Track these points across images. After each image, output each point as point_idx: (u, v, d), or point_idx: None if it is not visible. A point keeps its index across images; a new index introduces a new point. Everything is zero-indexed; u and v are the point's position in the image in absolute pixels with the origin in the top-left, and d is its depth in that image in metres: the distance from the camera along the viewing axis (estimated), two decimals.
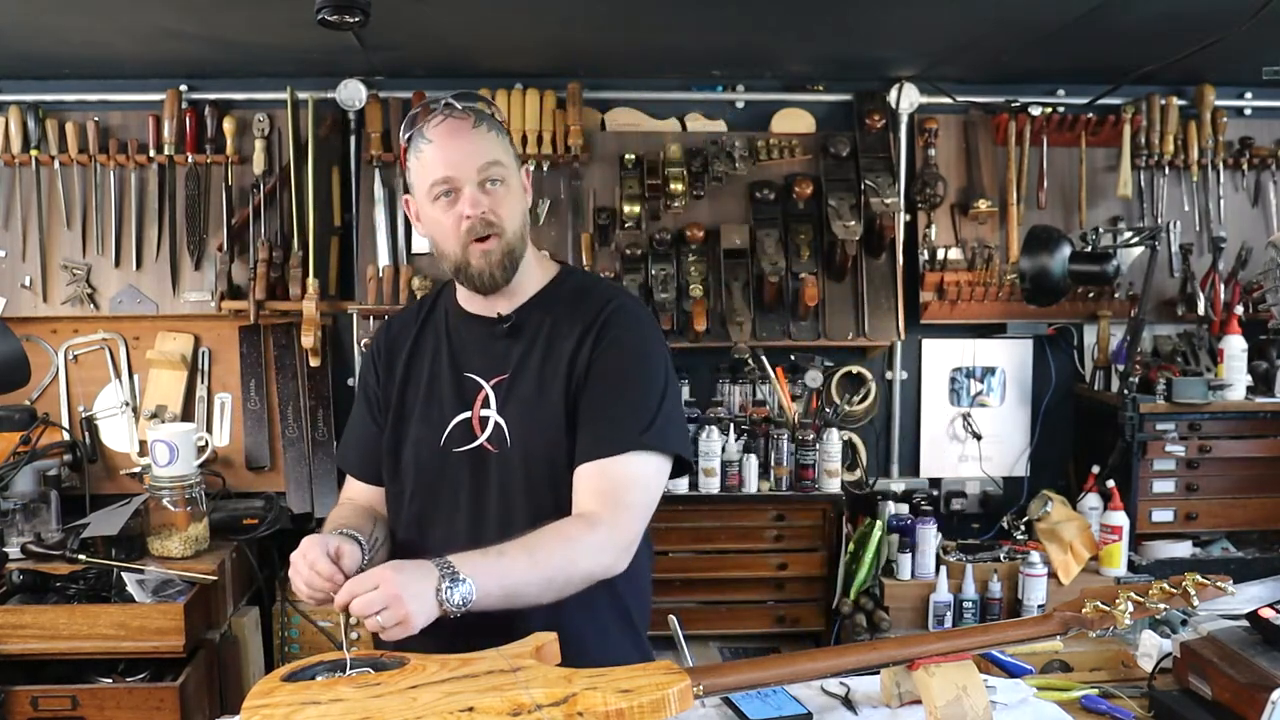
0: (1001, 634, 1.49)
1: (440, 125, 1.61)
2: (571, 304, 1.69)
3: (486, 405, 1.66)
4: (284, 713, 1.23)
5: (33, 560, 2.69)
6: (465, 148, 1.60)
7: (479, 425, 1.66)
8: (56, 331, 3.25)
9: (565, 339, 1.66)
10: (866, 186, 3.18)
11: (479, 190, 1.60)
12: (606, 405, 1.60)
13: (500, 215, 1.61)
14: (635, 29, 2.78)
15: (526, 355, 1.67)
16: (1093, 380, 3.35)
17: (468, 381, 1.68)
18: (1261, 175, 3.42)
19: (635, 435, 1.58)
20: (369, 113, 3.22)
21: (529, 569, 1.45)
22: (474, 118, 1.62)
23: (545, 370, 1.65)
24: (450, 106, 1.63)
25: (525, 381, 1.66)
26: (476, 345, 1.70)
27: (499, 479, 1.65)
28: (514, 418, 1.65)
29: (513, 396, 1.65)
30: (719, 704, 1.48)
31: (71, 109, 3.21)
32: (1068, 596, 2.22)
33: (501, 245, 1.62)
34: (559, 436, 1.62)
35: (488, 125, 1.63)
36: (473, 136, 1.61)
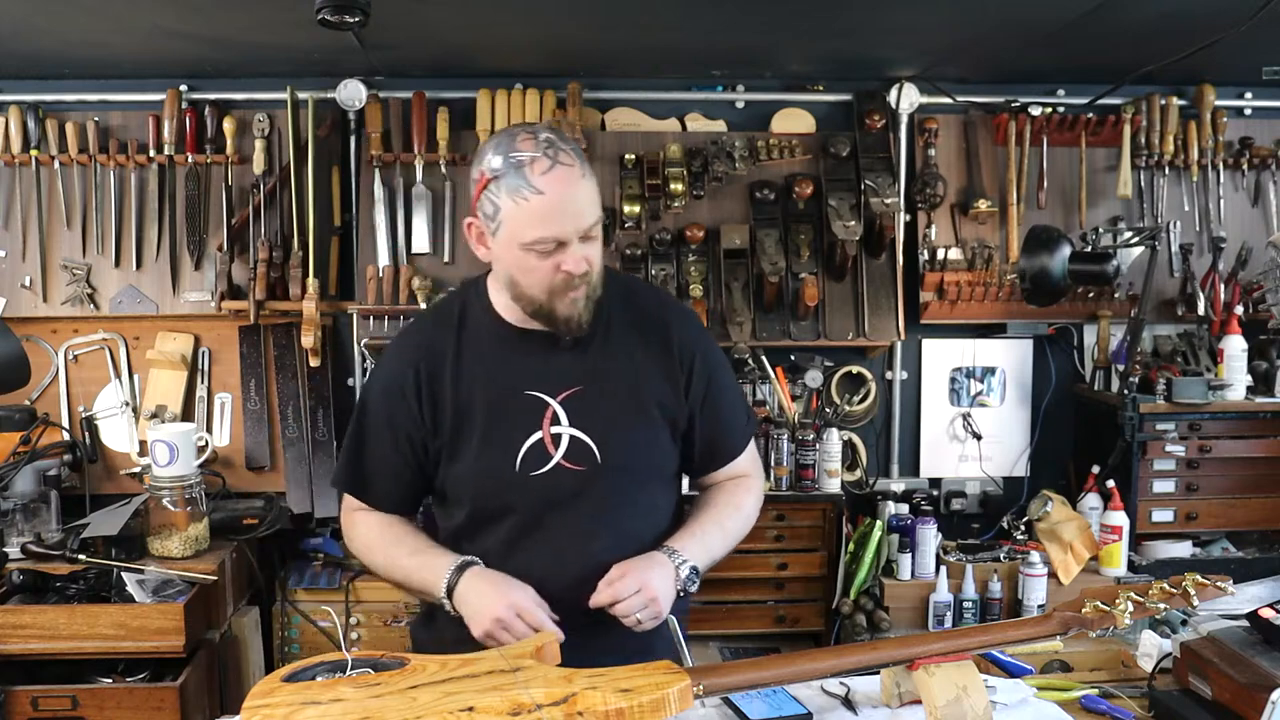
0: (1001, 634, 1.50)
1: (550, 175, 1.51)
2: (624, 308, 1.67)
3: (557, 422, 1.62)
4: (284, 713, 1.23)
5: (33, 560, 2.69)
6: (577, 204, 1.53)
7: (551, 443, 1.62)
8: (56, 331, 3.25)
9: (635, 346, 1.66)
10: (866, 186, 3.18)
11: (585, 242, 1.56)
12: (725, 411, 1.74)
13: (594, 264, 1.57)
14: (635, 29, 2.78)
15: (597, 365, 1.64)
16: (1093, 380, 3.35)
17: (531, 400, 1.63)
18: (1261, 175, 3.42)
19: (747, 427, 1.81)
20: (369, 113, 3.22)
21: (722, 542, 1.69)
22: (578, 163, 1.54)
23: (621, 377, 1.64)
24: (555, 148, 1.52)
25: (604, 392, 1.63)
26: (533, 361, 1.64)
27: (592, 493, 1.62)
28: (599, 429, 1.62)
29: (592, 408, 1.62)
30: (719, 704, 1.48)
31: (71, 109, 3.21)
32: (1068, 596, 2.22)
33: (589, 291, 1.58)
34: (654, 438, 1.66)
35: (587, 170, 1.56)
36: (582, 189, 1.53)
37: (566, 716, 1.19)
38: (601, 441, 1.62)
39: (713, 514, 1.70)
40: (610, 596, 1.53)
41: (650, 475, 1.69)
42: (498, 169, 1.53)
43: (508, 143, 1.53)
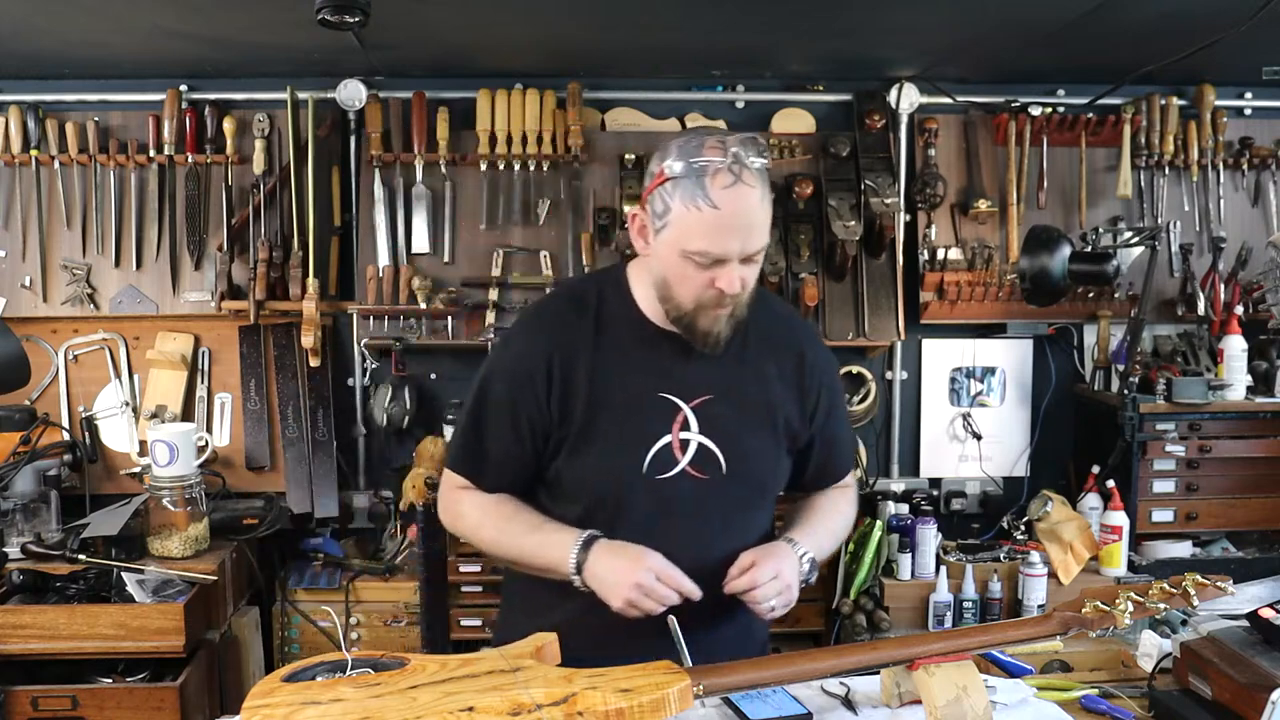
0: (1001, 634, 1.50)
1: (728, 191, 1.47)
2: (760, 322, 1.66)
3: (686, 428, 1.61)
4: (284, 713, 1.23)
5: (33, 560, 2.69)
6: (749, 226, 1.51)
7: (679, 449, 1.61)
8: (56, 331, 3.25)
9: (768, 362, 1.67)
10: (866, 186, 3.18)
11: (746, 264, 1.53)
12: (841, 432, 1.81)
13: (747, 284, 1.56)
14: (635, 29, 2.78)
15: (731, 375, 1.64)
16: (1093, 380, 3.35)
17: (663, 402, 1.61)
18: (1261, 175, 3.42)
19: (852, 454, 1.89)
20: (369, 113, 3.22)
21: (830, 542, 1.75)
22: (760, 186, 1.50)
23: (753, 391, 1.64)
24: (740, 165, 1.49)
25: (734, 403, 1.63)
26: (669, 364, 1.62)
27: (713, 502, 1.62)
28: (727, 440, 1.61)
29: (720, 418, 1.61)
30: (719, 704, 1.48)
31: (71, 109, 3.21)
32: (1068, 596, 2.22)
33: (736, 310, 1.58)
34: (778, 453, 1.68)
35: (765, 192, 1.52)
36: (757, 213, 1.51)
37: (566, 716, 1.19)
38: (728, 452, 1.61)
39: (820, 516, 1.75)
40: (748, 582, 1.54)
41: (766, 491, 1.71)
42: (678, 171, 1.50)
43: (695, 146, 1.50)
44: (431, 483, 2.95)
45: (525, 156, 3.22)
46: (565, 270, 3.28)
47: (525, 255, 3.28)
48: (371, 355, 3.28)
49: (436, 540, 2.89)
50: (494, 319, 3.21)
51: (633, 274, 1.68)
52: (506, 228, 3.27)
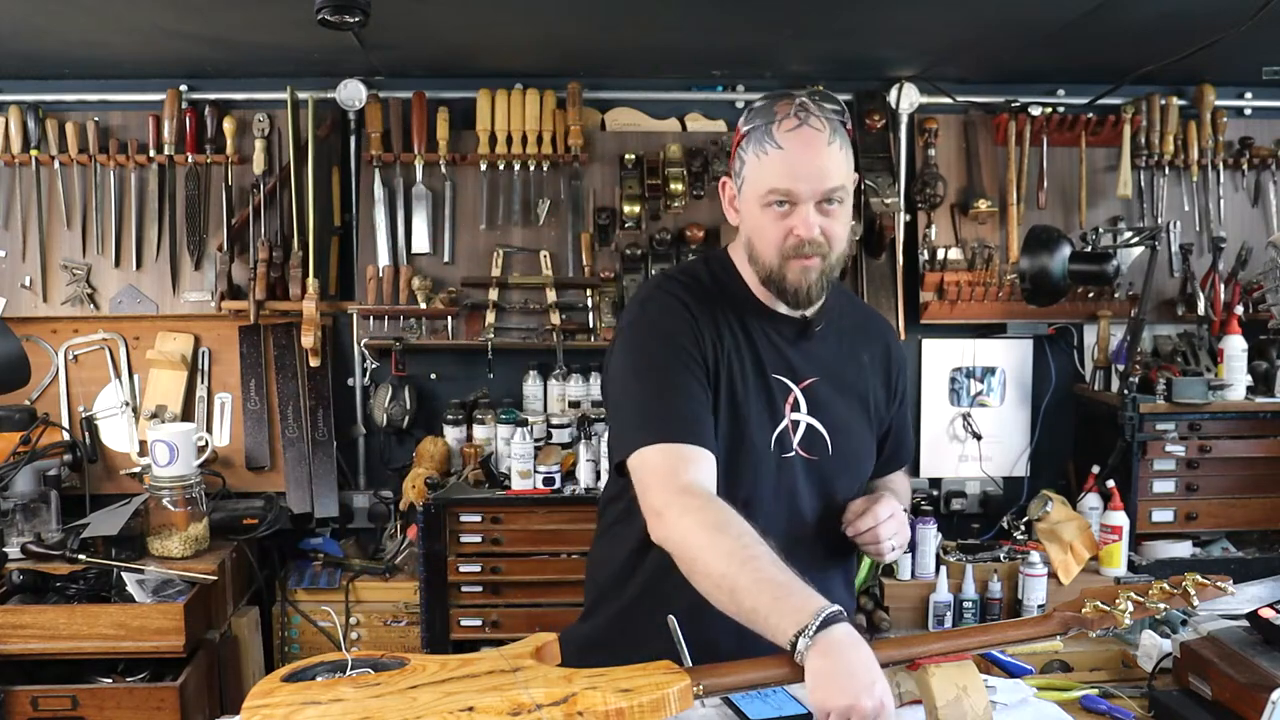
0: (1001, 634, 1.49)
1: (794, 132, 1.51)
2: (842, 312, 1.71)
3: (796, 409, 1.63)
4: (284, 713, 1.23)
5: (33, 560, 2.69)
6: (814, 164, 1.51)
7: (792, 429, 1.62)
8: (56, 331, 3.25)
9: (864, 346, 1.72)
10: (866, 186, 3.18)
11: (816, 210, 1.53)
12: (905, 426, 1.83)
13: (831, 236, 1.55)
14: (635, 29, 2.78)
15: (832, 359, 1.67)
16: (1093, 380, 3.35)
17: (776, 383, 1.62)
18: (1261, 175, 3.42)
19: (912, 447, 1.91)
20: (369, 113, 3.22)
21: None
22: (828, 130, 1.52)
23: (856, 380, 1.69)
24: (806, 111, 1.52)
25: (837, 386, 1.66)
26: (779, 345, 1.63)
27: (818, 484, 1.64)
28: (832, 423, 1.64)
29: (826, 401, 1.64)
30: (719, 704, 1.48)
31: (71, 109, 3.21)
32: (1068, 596, 2.22)
33: (824, 265, 1.56)
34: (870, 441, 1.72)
35: (840, 141, 1.53)
36: (825, 153, 1.51)
37: (566, 716, 1.19)
38: (834, 434, 1.64)
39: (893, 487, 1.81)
40: (871, 519, 1.59)
41: (862, 474, 1.74)
42: (749, 126, 1.56)
43: (767, 105, 1.56)
44: (431, 483, 2.95)
45: (525, 156, 3.22)
46: (565, 270, 3.28)
47: (525, 255, 3.28)
48: (371, 355, 3.28)
49: (436, 540, 2.89)
50: (494, 319, 3.21)
51: (734, 254, 1.69)
52: (506, 228, 3.27)
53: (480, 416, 3.18)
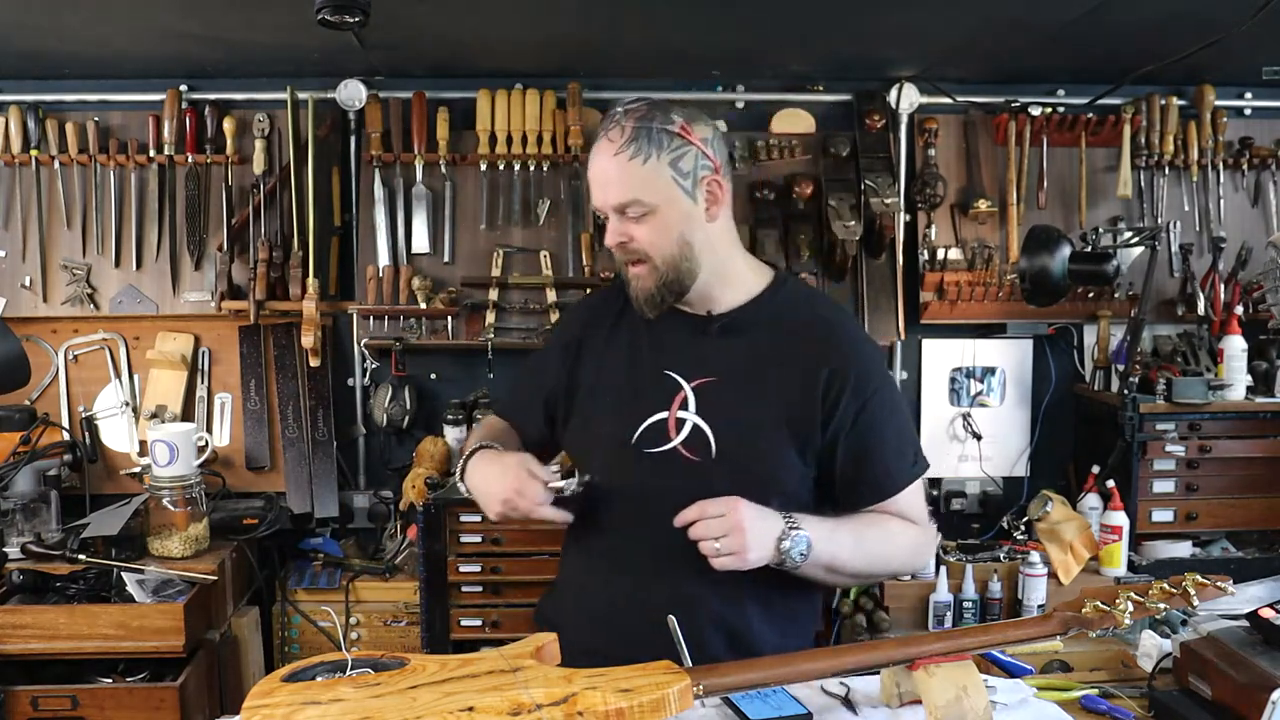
0: (1001, 634, 1.49)
1: (595, 146, 1.55)
2: (795, 319, 1.63)
3: (685, 407, 1.59)
4: (284, 713, 1.23)
5: (33, 560, 2.69)
6: (600, 177, 1.55)
7: (674, 427, 1.60)
8: (56, 331, 3.25)
9: (794, 358, 1.59)
10: (866, 186, 3.18)
11: (620, 219, 1.55)
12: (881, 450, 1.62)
13: (643, 244, 1.55)
14: (635, 29, 2.78)
15: (742, 362, 1.61)
16: (1093, 380, 3.35)
17: (667, 379, 1.61)
18: (1261, 175, 3.42)
19: (909, 469, 1.65)
20: (369, 113, 3.22)
21: (854, 550, 1.56)
22: (622, 140, 1.52)
23: (767, 383, 1.60)
24: (612, 121, 1.54)
25: (738, 389, 1.59)
26: (678, 342, 1.63)
27: (697, 486, 1.56)
28: (723, 424, 1.59)
29: (722, 402, 1.59)
30: (719, 704, 1.48)
31: (71, 109, 3.21)
32: (1068, 596, 2.22)
33: (651, 272, 1.56)
34: (775, 451, 1.59)
35: (638, 151, 1.52)
36: (610, 165, 1.53)
37: (566, 716, 1.19)
38: (720, 435, 1.58)
39: (854, 521, 1.59)
40: (696, 512, 1.47)
41: (769, 487, 1.58)
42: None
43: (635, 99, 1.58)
44: (431, 482, 2.95)
45: (525, 156, 3.22)
46: (565, 270, 3.28)
47: (525, 255, 3.28)
48: (371, 355, 3.28)
49: (436, 540, 2.89)
50: (494, 319, 3.21)
51: None
52: (506, 228, 3.27)
53: (480, 417, 3.18)
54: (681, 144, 1.54)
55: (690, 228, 1.57)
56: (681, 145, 1.54)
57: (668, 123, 1.53)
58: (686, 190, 1.55)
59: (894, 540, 1.63)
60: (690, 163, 1.55)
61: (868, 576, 1.63)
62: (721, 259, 1.61)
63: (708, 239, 1.59)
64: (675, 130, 1.53)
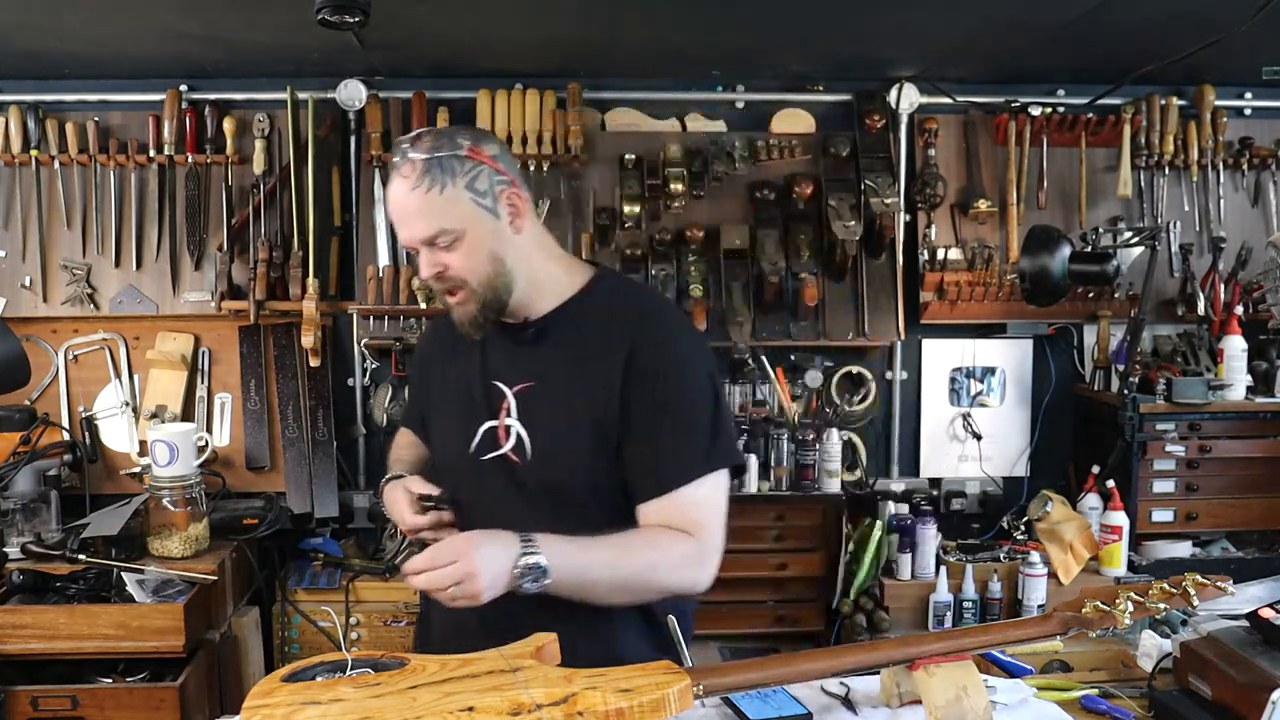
0: (1001, 634, 1.49)
1: (391, 183, 1.56)
2: (605, 315, 1.62)
3: (509, 414, 1.62)
4: (284, 713, 1.23)
5: (33, 560, 2.69)
6: (407, 214, 1.54)
7: (504, 434, 1.63)
8: (56, 331, 3.25)
9: (599, 355, 1.58)
10: (866, 186, 3.18)
11: (430, 250, 1.55)
12: (663, 437, 1.55)
13: (458, 270, 1.55)
14: (635, 29, 2.78)
15: (554, 365, 1.62)
16: (1093, 380, 3.35)
17: (494, 389, 1.64)
18: (1261, 175, 3.42)
19: (698, 462, 1.56)
20: (369, 113, 3.22)
21: (609, 568, 1.49)
22: (416, 174, 1.51)
23: (574, 383, 1.60)
24: (402, 157, 1.53)
25: (550, 392, 1.61)
26: (503, 352, 1.65)
27: (519, 489, 1.62)
28: (536, 428, 1.61)
29: (536, 406, 1.61)
30: (719, 704, 1.48)
31: (71, 109, 3.21)
32: (1068, 596, 2.22)
33: (470, 296, 1.57)
34: (582, 452, 1.57)
35: (434, 182, 1.51)
36: (409, 201, 1.53)
37: (566, 716, 1.19)
38: (534, 439, 1.60)
39: (616, 539, 1.51)
40: (426, 561, 1.41)
41: (582, 490, 1.58)
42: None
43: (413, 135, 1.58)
44: None
45: (525, 156, 3.22)
46: None
47: None
48: (371, 355, 3.28)
49: None
50: None
51: None
52: None
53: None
54: (473, 165, 1.54)
55: (500, 244, 1.57)
56: (473, 166, 1.54)
57: (455, 148, 1.53)
58: (488, 208, 1.55)
59: (665, 554, 1.52)
60: (485, 181, 1.55)
61: (631, 595, 1.52)
62: (534, 267, 1.61)
63: (518, 251, 1.59)
64: (464, 153, 1.53)
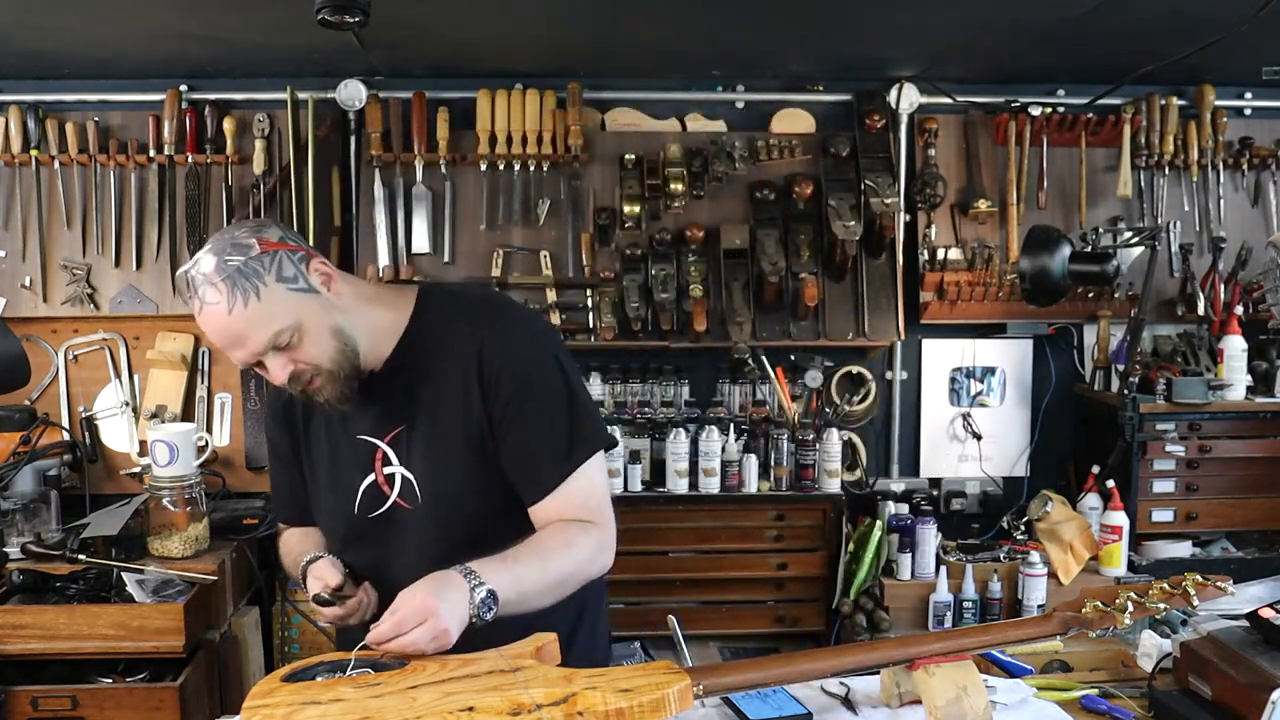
0: (1001, 634, 1.50)
1: (201, 315, 1.45)
2: (442, 337, 1.59)
3: (388, 463, 1.60)
4: (284, 713, 1.23)
5: (33, 560, 2.69)
6: (236, 338, 1.46)
7: (386, 484, 1.60)
8: (56, 331, 3.25)
9: (451, 377, 1.57)
10: (866, 186, 3.18)
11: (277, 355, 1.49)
12: (529, 439, 1.56)
13: (310, 360, 1.50)
14: (635, 29, 2.78)
15: (416, 403, 1.59)
16: (1093, 380, 3.35)
17: (361, 444, 1.61)
18: (1261, 175, 3.42)
19: (567, 455, 1.56)
20: (369, 113, 3.21)
21: (540, 576, 1.47)
22: (222, 298, 1.43)
23: (440, 413, 1.58)
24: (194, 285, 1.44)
25: (423, 430, 1.58)
26: (358, 405, 1.58)
27: (418, 533, 1.59)
28: (421, 469, 1.59)
29: (415, 448, 1.59)
30: (719, 704, 1.48)
31: (71, 109, 3.21)
32: (1068, 596, 2.22)
33: (329, 379, 1.53)
34: (472, 475, 1.57)
35: (242, 294, 1.43)
36: (236, 322, 1.44)
37: (566, 716, 1.19)
38: (422, 479, 1.58)
39: (534, 545, 1.51)
40: (392, 629, 1.37)
41: (484, 513, 1.58)
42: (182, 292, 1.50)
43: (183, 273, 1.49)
44: None
45: (525, 156, 3.22)
46: (565, 270, 3.28)
47: (525, 255, 3.28)
48: None
49: None
50: None
51: None
52: (506, 228, 3.27)
53: None
54: (269, 257, 1.47)
55: (331, 316, 1.52)
56: (270, 258, 1.47)
57: (245, 251, 1.45)
58: (305, 289, 1.50)
59: (577, 548, 1.53)
60: (289, 267, 1.49)
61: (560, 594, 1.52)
62: (364, 320, 1.57)
63: (345, 313, 1.54)
64: (256, 252, 1.46)
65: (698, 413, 3.24)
